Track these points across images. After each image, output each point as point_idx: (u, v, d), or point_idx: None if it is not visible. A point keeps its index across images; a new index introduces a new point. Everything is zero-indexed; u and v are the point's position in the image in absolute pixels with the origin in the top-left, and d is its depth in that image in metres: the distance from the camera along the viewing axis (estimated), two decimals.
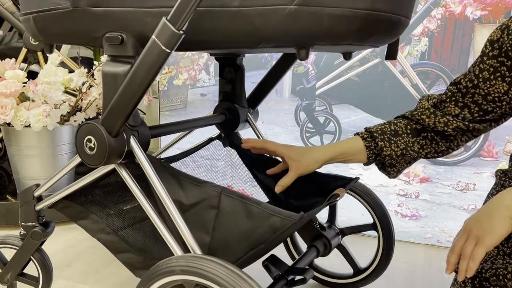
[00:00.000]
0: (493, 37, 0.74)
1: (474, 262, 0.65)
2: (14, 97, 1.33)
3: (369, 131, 0.86)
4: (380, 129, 0.85)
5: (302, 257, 0.92)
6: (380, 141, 0.83)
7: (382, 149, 0.83)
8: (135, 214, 0.88)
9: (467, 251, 0.66)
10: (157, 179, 0.72)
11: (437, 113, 0.81)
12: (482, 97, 0.77)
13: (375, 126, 0.86)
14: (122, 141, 0.72)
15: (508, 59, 0.72)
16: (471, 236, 0.66)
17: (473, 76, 0.77)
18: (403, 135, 0.83)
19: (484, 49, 0.76)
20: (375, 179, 1.43)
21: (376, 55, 1.39)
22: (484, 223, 0.65)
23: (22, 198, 0.91)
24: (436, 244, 1.37)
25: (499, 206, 0.65)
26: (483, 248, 0.64)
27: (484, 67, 0.76)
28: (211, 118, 1.01)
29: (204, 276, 0.59)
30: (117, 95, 0.68)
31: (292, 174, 0.85)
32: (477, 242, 0.65)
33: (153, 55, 0.64)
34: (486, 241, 0.64)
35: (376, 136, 0.84)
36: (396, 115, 0.89)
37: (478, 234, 0.65)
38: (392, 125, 0.85)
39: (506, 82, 0.74)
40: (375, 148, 0.84)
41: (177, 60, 1.68)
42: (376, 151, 0.85)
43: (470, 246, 0.66)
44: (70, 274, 1.16)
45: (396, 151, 0.83)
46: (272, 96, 1.55)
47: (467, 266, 0.65)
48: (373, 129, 0.85)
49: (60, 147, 1.44)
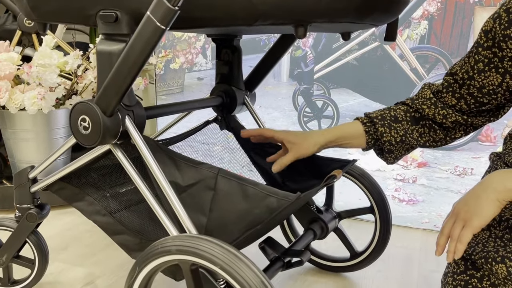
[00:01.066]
0: (487, 27, 0.73)
1: (462, 244, 0.66)
2: (8, 80, 1.31)
3: (369, 116, 0.85)
4: (380, 115, 0.84)
5: (298, 239, 0.91)
6: (380, 126, 0.83)
7: (382, 135, 0.83)
8: (131, 197, 0.88)
9: (455, 233, 0.67)
10: (153, 160, 0.71)
11: (437, 104, 0.81)
12: (477, 90, 0.77)
13: (375, 112, 0.86)
14: (117, 121, 0.71)
15: (500, 50, 0.72)
16: (459, 218, 0.67)
17: (469, 68, 0.77)
18: (402, 122, 0.83)
19: (479, 40, 0.75)
20: (373, 164, 1.42)
21: (375, 38, 1.38)
22: (472, 206, 0.66)
23: (17, 180, 0.90)
24: (433, 229, 1.37)
25: (486, 188, 0.66)
26: (471, 230, 0.65)
27: (479, 58, 0.75)
28: (207, 100, 1.00)
29: (200, 256, 0.59)
30: (112, 74, 0.67)
31: (290, 156, 0.85)
32: (464, 225, 0.66)
33: (148, 32, 0.62)
34: (473, 223, 0.65)
35: (376, 121, 0.84)
36: (396, 101, 0.88)
37: (466, 216, 0.66)
38: (392, 111, 0.85)
39: (500, 73, 0.73)
40: (375, 133, 0.84)
41: (174, 43, 1.66)
42: (376, 136, 0.84)
43: (458, 228, 0.67)
44: (67, 257, 1.16)
45: (396, 137, 0.83)
46: (270, 80, 1.54)
47: (455, 248, 0.66)
48: (373, 115, 0.85)
49: (56, 131, 1.42)
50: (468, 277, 0.70)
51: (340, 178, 1.06)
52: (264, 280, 0.57)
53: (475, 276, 0.69)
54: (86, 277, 1.06)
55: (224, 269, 0.57)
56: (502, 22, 0.70)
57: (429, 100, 0.82)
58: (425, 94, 0.83)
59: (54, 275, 1.06)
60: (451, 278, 0.73)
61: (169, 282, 1.04)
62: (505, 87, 0.74)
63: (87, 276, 1.06)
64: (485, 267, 0.68)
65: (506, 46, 0.70)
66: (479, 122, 0.81)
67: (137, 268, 0.65)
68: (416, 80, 1.35)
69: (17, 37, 1.52)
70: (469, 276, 0.70)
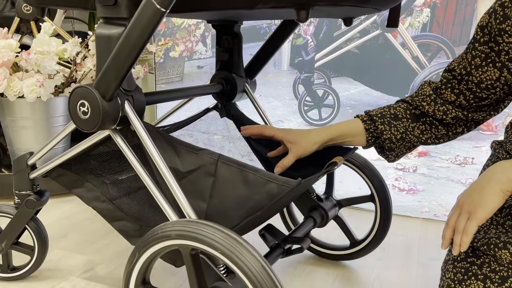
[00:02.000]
0: (482, 23, 0.74)
1: (467, 236, 0.66)
2: (7, 67, 1.30)
3: (369, 114, 0.85)
4: (380, 113, 0.84)
5: (298, 227, 0.91)
6: (380, 124, 0.83)
7: (382, 132, 0.83)
8: (131, 184, 0.87)
9: (460, 226, 0.67)
10: (153, 145, 0.71)
11: (437, 101, 0.81)
12: (475, 85, 0.77)
13: (375, 110, 0.86)
14: (116, 106, 0.70)
15: (496, 44, 0.72)
16: (464, 210, 0.67)
17: (466, 63, 0.77)
18: (402, 119, 0.83)
19: (475, 35, 0.75)
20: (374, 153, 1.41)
21: (376, 26, 1.37)
22: (476, 197, 0.66)
23: (16, 166, 0.90)
24: (433, 218, 1.37)
25: (490, 180, 0.66)
26: (475, 222, 0.65)
27: (476, 53, 0.75)
28: (207, 87, 0.99)
29: (201, 241, 0.58)
30: (111, 58, 0.66)
31: (291, 156, 0.85)
32: (469, 217, 0.66)
33: (148, 15, 0.61)
34: (478, 215, 0.65)
35: (375, 119, 0.84)
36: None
37: (470, 208, 0.66)
38: (391, 109, 0.85)
39: (497, 68, 0.73)
40: (375, 131, 0.84)
41: (174, 31, 1.64)
42: (376, 134, 0.84)
43: (463, 220, 0.67)
44: (66, 244, 1.16)
45: (396, 134, 0.83)
46: (270, 68, 1.53)
47: (461, 240, 0.66)
48: (372, 112, 0.85)
49: (55, 119, 1.42)
50: (468, 265, 0.70)
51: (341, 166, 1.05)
52: (265, 265, 0.57)
53: (475, 263, 0.69)
54: (85, 264, 1.06)
55: (225, 254, 0.57)
56: (498, 16, 0.70)
57: (429, 96, 0.82)
58: (424, 91, 0.83)
59: (53, 262, 1.06)
60: (451, 266, 0.73)
61: (169, 270, 1.04)
62: (503, 81, 0.74)
63: (87, 263, 1.06)
64: (488, 253, 0.68)
65: (502, 40, 0.70)
66: (480, 117, 0.81)
67: (137, 253, 0.65)
68: (418, 68, 1.34)
69: (16, 24, 1.50)
70: (470, 263, 0.70)
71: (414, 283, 1.02)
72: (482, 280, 0.67)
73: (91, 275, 1.01)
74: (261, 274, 0.56)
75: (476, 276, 0.68)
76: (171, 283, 0.98)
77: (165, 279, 1.00)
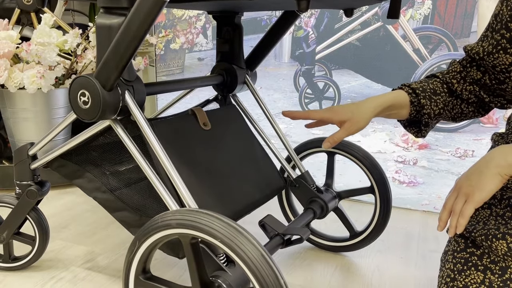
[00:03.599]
0: (496, 11, 0.74)
1: (464, 218, 0.66)
2: (7, 58, 1.30)
3: (411, 87, 0.82)
4: (421, 87, 0.82)
5: (298, 218, 0.92)
6: (422, 98, 0.81)
7: (423, 107, 0.81)
8: (131, 175, 0.88)
9: (457, 208, 0.67)
10: (153, 135, 0.71)
11: (466, 79, 0.80)
12: (491, 68, 0.76)
13: (414, 83, 0.83)
14: (116, 96, 0.70)
15: (508, 31, 0.71)
16: (461, 193, 0.68)
17: (480, 49, 0.76)
18: (441, 93, 0.81)
19: (491, 23, 0.75)
20: (374, 146, 1.42)
21: (377, 18, 1.36)
22: (474, 180, 0.66)
23: (17, 157, 0.90)
24: (433, 211, 1.37)
25: (488, 163, 0.66)
26: (473, 204, 0.65)
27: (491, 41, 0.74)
28: (208, 79, 0.99)
29: (200, 229, 0.59)
30: (111, 47, 0.66)
31: (342, 132, 0.80)
32: (466, 199, 0.66)
33: (148, 4, 0.61)
34: (475, 197, 0.65)
35: (418, 93, 0.81)
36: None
37: (468, 191, 0.66)
38: (429, 83, 0.82)
39: (509, 54, 0.72)
40: (418, 104, 0.82)
41: (174, 23, 1.64)
42: (418, 108, 0.82)
43: (460, 203, 0.67)
44: (67, 235, 1.16)
45: (435, 110, 0.81)
46: (271, 61, 1.52)
47: (457, 222, 0.67)
48: (414, 86, 0.82)
49: (56, 111, 1.42)
50: (468, 255, 0.70)
51: (342, 158, 1.06)
52: (265, 254, 0.57)
53: (475, 253, 0.70)
54: (86, 254, 1.06)
55: (224, 243, 0.57)
56: (509, 3, 0.70)
57: (459, 73, 0.81)
58: (455, 67, 0.82)
59: (54, 252, 1.07)
60: (451, 256, 0.73)
61: (169, 261, 1.05)
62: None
63: (88, 254, 1.07)
64: (485, 244, 0.68)
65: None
66: (497, 104, 0.80)
67: (137, 243, 0.65)
68: (419, 61, 1.33)
69: (16, 15, 1.50)
70: (469, 254, 0.70)
71: (414, 274, 1.03)
72: (482, 271, 0.67)
73: (92, 265, 1.01)
74: (261, 262, 0.56)
75: (476, 266, 0.68)
76: (171, 274, 0.99)
77: (165, 270, 1.00)
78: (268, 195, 0.94)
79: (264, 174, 0.97)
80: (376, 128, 1.42)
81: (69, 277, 0.96)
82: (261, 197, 0.92)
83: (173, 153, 0.80)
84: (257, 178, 0.94)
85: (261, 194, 0.92)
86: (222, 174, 0.87)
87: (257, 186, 0.93)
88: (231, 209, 0.83)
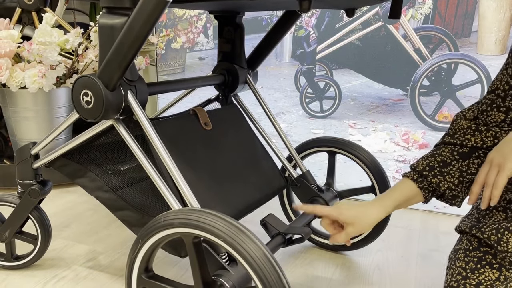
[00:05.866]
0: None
1: (497, 189, 0.66)
2: (9, 57, 1.30)
3: (417, 170, 0.80)
4: (426, 165, 0.79)
5: (299, 217, 0.92)
6: (432, 177, 0.78)
7: (438, 185, 0.78)
8: (133, 175, 0.88)
9: (490, 180, 0.68)
10: (155, 135, 0.71)
11: (481, 129, 0.76)
12: None
13: (419, 163, 0.80)
14: (119, 95, 0.71)
15: None
16: (493, 165, 0.68)
17: (508, 78, 0.74)
18: (453, 162, 0.78)
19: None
20: (374, 145, 1.42)
21: (378, 18, 1.36)
22: (505, 151, 0.67)
23: (19, 156, 0.90)
24: (433, 210, 1.38)
25: None
26: (505, 174, 0.66)
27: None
28: (209, 78, 1.00)
29: (203, 228, 0.59)
30: (114, 48, 0.67)
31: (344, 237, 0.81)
32: (499, 170, 0.67)
33: (151, 5, 0.62)
34: (507, 165, 0.65)
35: (425, 174, 0.79)
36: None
37: (500, 161, 0.67)
38: (437, 156, 0.79)
39: None
40: (429, 185, 0.79)
41: (175, 22, 1.64)
42: (432, 188, 0.80)
43: (493, 174, 0.67)
44: (69, 234, 1.17)
45: (453, 181, 0.77)
46: (272, 60, 1.53)
47: (491, 194, 0.67)
48: (420, 168, 0.80)
49: (57, 110, 1.42)
50: (481, 254, 0.70)
51: (342, 158, 1.06)
52: (267, 253, 0.57)
53: (489, 252, 0.69)
54: (88, 253, 1.07)
55: (227, 242, 0.58)
56: None
57: (469, 128, 0.77)
58: (461, 125, 0.78)
59: (56, 251, 1.07)
60: (462, 255, 0.72)
61: (171, 260, 1.05)
62: None
63: (90, 252, 1.07)
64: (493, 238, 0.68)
65: None
66: None
67: (140, 242, 0.66)
68: (419, 60, 1.34)
69: (17, 14, 1.50)
70: (483, 253, 0.70)
71: (414, 273, 1.03)
72: (498, 269, 0.67)
73: (94, 264, 1.02)
74: (263, 261, 0.56)
75: (490, 265, 0.68)
76: (172, 273, 0.99)
77: (167, 269, 1.01)
78: (269, 194, 0.95)
79: (265, 173, 0.97)
80: (376, 127, 1.42)
81: (71, 276, 0.97)
82: (262, 196, 0.92)
83: (175, 153, 0.80)
84: (258, 178, 0.95)
85: (262, 193, 0.93)
86: (224, 173, 0.87)
87: (258, 186, 0.93)
88: (233, 208, 0.84)
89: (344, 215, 0.80)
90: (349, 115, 1.45)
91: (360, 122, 1.44)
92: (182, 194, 0.71)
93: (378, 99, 1.40)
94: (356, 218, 0.80)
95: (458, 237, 0.80)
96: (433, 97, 1.34)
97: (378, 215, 0.80)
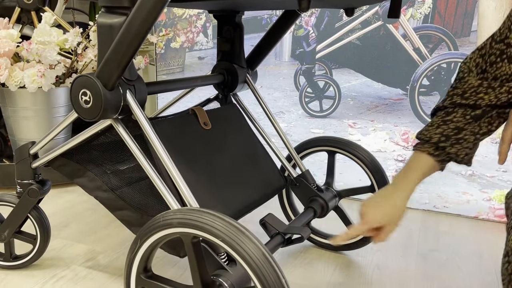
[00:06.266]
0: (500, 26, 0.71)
1: None
2: (8, 57, 1.30)
3: (432, 142, 0.76)
4: (441, 134, 0.75)
5: (299, 217, 0.92)
6: (450, 147, 0.75)
7: (457, 154, 0.75)
8: (132, 175, 0.88)
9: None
10: (154, 134, 0.71)
11: (494, 86, 0.71)
12: None
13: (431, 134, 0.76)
14: (118, 95, 0.70)
15: None
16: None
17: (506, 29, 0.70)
18: (465, 126, 0.74)
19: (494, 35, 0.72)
20: (374, 144, 1.42)
21: (378, 17, 1.36)
22: None
23: (18, 156, 0.90)
24: (433, 209, 1.38)
25: None
26: None
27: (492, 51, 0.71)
28: (209, 78, 0.99)
29: (202, 228, 0.59)
30: (113, 47, 0.67)
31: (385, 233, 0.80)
32: None
33: (150, 4, 0.61)
34: None
35: (443, 145, 0.75)
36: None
37: None
38: (449, 123, 0.75)
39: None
40: (447, 156, 0.76)
41: (175, 22, 1.64)
42: (448, 158, 0.77)
43: None
44: (68, 234, 1.17)
45: (469, 146, 0.75)
46: (271, 60, 1.52)
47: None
48: (435, 139, 0.76)
49: (56, 109, 1.42)
50: None
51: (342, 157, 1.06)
52: (266, 253, 0.57)
53: None
54: (87, 253, 1.07)
55: (226, 241, 0.57)
56: None
57: (480, 86, 0.72)
58: (471, 83, 0.74)
59: (55, 251, 1.07)
60: None
61: (170, 260, 1.05)
62: None
63: (89, 252, 1.07)
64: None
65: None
66: None
67: (138, 242, 0.66)
68: (419, 60, 1.34)
69: (16, 14, 1.50)
70: None
71: (414, 273, 1.03)
72: None
73: (93, 264, 1.02)
74: (262, 261, 0.56)
75: None
76: (171, 273, 0.99)
77: (166, 269, 1.01)
78: (268, 194, 0.95)
79: (264, 173, 0.97)
80: (376, 127, 1.42)
81: (70, 276, 0.96)
82: (261, 196, 0.92)
83: (173, 152, 0.80)
84: (258, 177, 0.94)
85: (262, 193, 0.93)
86: (223, 173, 0.87)
87: (258, 185, 0.93)
88: (232, 208, 0.84)
89: (377, 221, 0.78)
90: (349, 115, 1.45)
91: (360, 121, 1.44)
92: (181, 193, 0.71)
93: (378, 98, 1.40)
94: (388, 216, 0.78)
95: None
96: (433, 97, 1.34)
97: (405, 201, 0.78)
